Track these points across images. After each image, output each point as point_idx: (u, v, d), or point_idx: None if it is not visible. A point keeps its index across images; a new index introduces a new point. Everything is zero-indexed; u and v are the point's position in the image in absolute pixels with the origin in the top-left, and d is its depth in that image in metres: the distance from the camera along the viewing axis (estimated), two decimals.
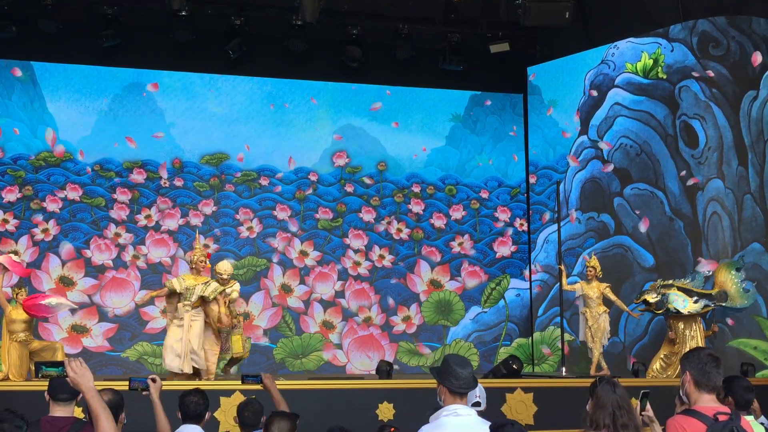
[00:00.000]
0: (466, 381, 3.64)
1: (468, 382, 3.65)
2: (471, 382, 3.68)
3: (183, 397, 4.36)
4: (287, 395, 6.78)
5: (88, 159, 11.09)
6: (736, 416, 3.62)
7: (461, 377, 3.63)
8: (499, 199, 12.35)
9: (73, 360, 2.84)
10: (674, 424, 3.61)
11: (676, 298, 8.85)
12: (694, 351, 3.81)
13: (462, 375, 3.63)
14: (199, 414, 4.33)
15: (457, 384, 3.63)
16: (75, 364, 2.82)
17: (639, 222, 10.63)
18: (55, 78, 11.10)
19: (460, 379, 3.63)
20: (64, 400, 3.83)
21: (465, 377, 3.63)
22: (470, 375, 3.68)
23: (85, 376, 2.82)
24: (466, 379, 3.64)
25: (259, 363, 11.07)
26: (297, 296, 11.43)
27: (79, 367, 2.82)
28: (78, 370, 2.82)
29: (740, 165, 10.05)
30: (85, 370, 2.84)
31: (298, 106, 11.89)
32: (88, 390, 2.81)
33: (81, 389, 2.82)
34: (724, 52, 10.26)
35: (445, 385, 3.67)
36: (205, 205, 11.38)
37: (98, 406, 2.81)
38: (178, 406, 4.34)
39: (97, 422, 2.80)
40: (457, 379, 3.63)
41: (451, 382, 3.64)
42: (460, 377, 3.63)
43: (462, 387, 3.64)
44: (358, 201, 11.90)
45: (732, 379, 4.71)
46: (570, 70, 11.70)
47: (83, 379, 2.82)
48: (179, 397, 4.37)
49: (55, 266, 10.74)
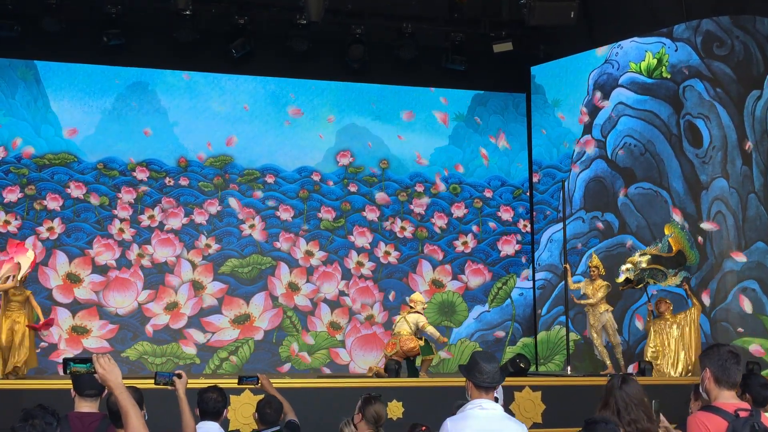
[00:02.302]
0: (490, 375, 3.71)
1: (493, 377, 3.72)
2: (496, 377, 3.75)
3: (202, 394, 4.37)
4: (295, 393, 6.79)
5: (92, 158, 11.06)
6: (757, 413, 3.62)
7: (485, 372, 3.70)
8: (502, 198, 12.36)
9: (101, 356, 2.80)
10: (695, 422, 3.61)
11: (656, 273, 8.93)
12: (714, 347, 3.81)
13: (486, 370, 3.70)
14: (218, 411, 4.35)
15: (481, 378, 3.70)
16: (104, 360, 2.78)
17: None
18: (58, 77, 11.07)
19: (484, 373, 3.70)
20: (91, 396, 3.82)
21: (489, 372, 3.70)
22: (495, 370, 3.75)
23: (113, 372, 2.79)
24: (491, 373, 3.71)
25: (264, 360, 11.07)
26: (304, 294, 11.42)
27: (107, 363, 2.79)
28: (107, 366, 2.78)
29: (744, 164, 10.07)
30: (114, 366, 2.80)
31: (301, 105, 11.88)
32: (117, 386, 2.78)
33: (109, 386, 2.79)
34: (728, 52, 10.29)
35: (471, 379, 3.75)
36: (209, 205, 11.36)
37: (128, 403, 2.78)
38: (197, 403, 4.35)
39: (126, 419, 2.77)
40: (481, 373, 3.70)
41: (476, 376, 3.72)
42: (484, 372, 3.70)
43: (486, 381, 3.70)
44: (361, 200, 11.90)
45: (748, 376, 4.72)
46: (573, 69, 11.72)
47: (112, 375, 2.78)
48: (198, 394, 4.38)
49: (62, 263, 10.71)
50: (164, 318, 10.91)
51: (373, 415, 4.23)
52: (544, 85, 12.10)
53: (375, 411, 4.24)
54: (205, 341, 10.97)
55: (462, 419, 3.68)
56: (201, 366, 10.82)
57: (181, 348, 10.84)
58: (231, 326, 11.10)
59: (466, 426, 3.62)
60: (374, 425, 4.21)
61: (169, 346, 10.82)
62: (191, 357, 10.86)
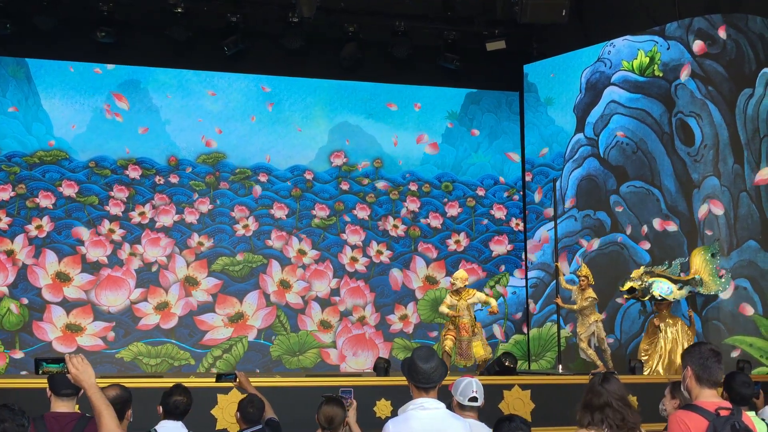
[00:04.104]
0: (426, 375, 3.60)
1: (429, 377, 3.61)
2: (434, 376, 3.64)
3: (166, 394, 4.34)
4: (284, 392, 6.79)
5: (83, 156, 11.04)
6: (738, 411, 3.61)
7: (421, 372, 3.60)
8: (495, 196, 12.35)
9: (74, 356, 2.79)
10: (676, 420, 3.60)
11: (661, 285, 8.85)
12: (696, 346, 3.79)
13: (422, 369, 3.60)
14: (180, 410, 4.32)
15: (418, 378, 3.62)
16: (76, 360, 2.77)
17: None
18: (50, 75, 11.04)
19: (420, 373, 3.61)
20: (68, 396, 3.80)
21: (426, 371, 3.60)
22: (433, 369, 3.63)
23: (86, 372, 2.78)
24: (427, 373, 3.60)
25: (254, 360, 11.06)
26: (295, 292, 11.40)
27: (80, 363, 2.78)
28: (80, 366, 2.77)
29: (736, 163, 10.06)
30: (87, 366, 2.79)
31: (294, 103, 11.86)
32: (90, 386, 2.77)
33: (83, 386, 2.78)
34: (720, 50, 10.28)
35: (409, 380, 3.67)
36: (201, 203, 11.35)
37: (101, 403, 2.77)
38: (161, 403, 4.33)
39: (99, 419, 2.76)
40: (418, 373, 3.62)
41: (413, 376, 3.64)
42: (420, 372, 3.61)
43: (422, 381, 3.62)
44: (354, 199, 11.89)
45: (732, 374, 4.72)
46: (566, 67, 11.70)
47: (85, 375, 2.77)
48: (164, 395, 4.36)
49: (52, 262, 10.69)
50: (155, 317, 10.88)
51: (324, 416, 4.14)
52: (537, 84, 12.08)
53: (325, 413, 4.14)
54: (198, 340, 10.95)
55: (403, 420, 3.59)
56: (194, 366, 10.80)
57: (175, 348, 10.81)
58: (224, 325, 11.08)
59: (408, 427, 3.54)
60: (328, 426, 4.13)
61: (164, 347, 10.80)
62: (186, 358, 10.84)
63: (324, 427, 4.12)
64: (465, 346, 8.82)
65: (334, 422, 4.11)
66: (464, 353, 8.85)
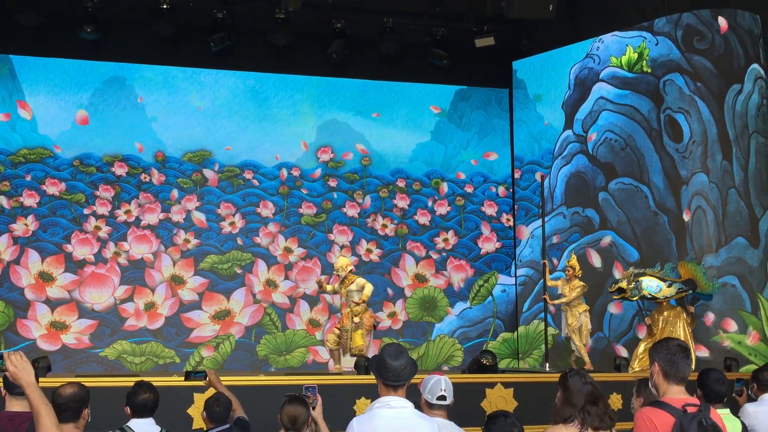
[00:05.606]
0: (395, 373, 3.57)
1: (398, 374, 3.58)
2: (404, 374, 3.61)
3: (134, 396, 4.27)
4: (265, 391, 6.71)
5: (68, 154, 10.97)
6: (706, 408, 3.55)
7: (390, 369, 3.57)
8: (484, 194, 12.28)
9: (13, 353, 2.75)
10: (642, 417, 3.54)
11: (650, 284, 8.77)
12: (663, 342, 3.74)
13: (391, 367, 3.57)
14: (146, 407, 4.26)
15: (386, 376, 3.58)
16: (14, 358, 2.73)
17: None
18: (34, 72, 10.97)
19: (389, 371, 3.58)
20: (22, 395, 3.73)
21: (394, 369, 3.57)
22: (402, 366, 3.60)
23: (25, 370, 2.74)
24: (396, 370, 3.57)
25: (242, 359, 11.00)
26: (282, 291, 11.34)
27: (18, 361, 2.73)
28: (18, 363, 2.73)
29: (725, 159, 9.98)
30: (26, 363, 2.75)
31: (281, 100, 11.80)
32: (28, 384, 2.73)
33: (21, 384, 2.74)
34: (708, 46, 10.20)
35: (377, 377, 3.64)
36: (187, 201, 11.28)
37: (39, 402, 2.72)
38: (128, 404, 4.26)
39: (37, 418, 2.71)
40: (386, 370, 3.58)
41: (381, 374, 3.61)
42: (389, 369, 3.57)
43: (391, 379, 3.58)
44: (342, 196, 11.82)
45: (706, 371, 4.66)
46: (555, 64, 11.63)
47: (23, 373, 2.73)
48: (128, 395, 4.29)
49: (35, 261, 10.62)
50: (141, 315, 10.81)
51: (287, 416, 4.07)
52: (526, 80, 12.01)
53: (288, 413, 4.07)
54: (185, 338, 10.89)
55: (368, 419, 3.55)
56: (181, 364, 10.73)
57: (160, 346, 10.75)
58: (211, 322, 11.02)
59: (373, 425, 3.50)
60: (291, 426, 4.07)
61: (148, 345, 10.73)
62: (171, 356, 10.77)
63: (288, 428, 4.05)
64: (345, 337, 8.55)
65: (297, 422, 4.04)
66: (342, 344, 8.58)
